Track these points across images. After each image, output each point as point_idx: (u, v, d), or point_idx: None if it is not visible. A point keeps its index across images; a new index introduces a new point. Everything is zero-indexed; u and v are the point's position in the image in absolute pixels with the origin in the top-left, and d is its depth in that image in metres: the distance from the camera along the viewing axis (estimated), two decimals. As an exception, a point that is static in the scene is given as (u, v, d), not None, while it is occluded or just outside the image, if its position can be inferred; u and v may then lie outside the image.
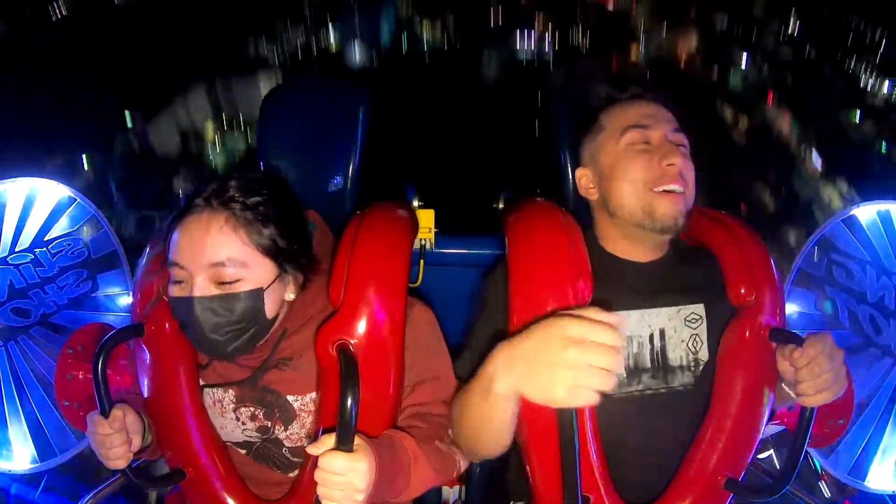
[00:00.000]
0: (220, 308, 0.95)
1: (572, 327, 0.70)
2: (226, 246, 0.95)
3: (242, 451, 1.13)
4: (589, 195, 1.15)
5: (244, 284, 0.96)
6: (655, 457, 1.06)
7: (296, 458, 1.10)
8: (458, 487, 1.58)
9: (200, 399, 1.08)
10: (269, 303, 0.99)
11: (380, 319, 0.97)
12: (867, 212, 1.71)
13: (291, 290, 1.04)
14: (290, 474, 1.11)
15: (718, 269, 1.11)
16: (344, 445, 0.82)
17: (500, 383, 0.77)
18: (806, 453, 0.96)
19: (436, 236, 1.52)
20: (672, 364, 1.08)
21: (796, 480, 0.97)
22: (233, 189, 0.99)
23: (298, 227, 1.05)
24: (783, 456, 1.01)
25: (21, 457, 1.68)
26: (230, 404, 1.09)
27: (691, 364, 1.08)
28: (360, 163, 1.46)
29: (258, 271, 0.97)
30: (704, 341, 1.09)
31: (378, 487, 0.86)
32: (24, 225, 1.70)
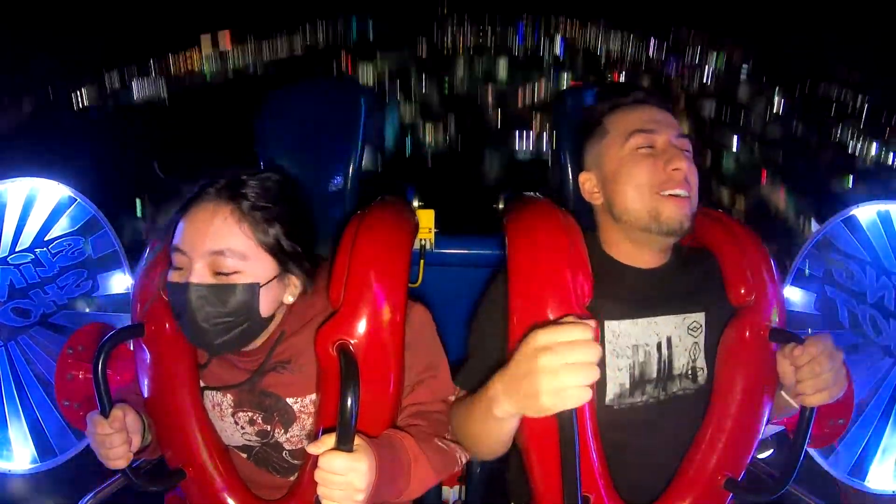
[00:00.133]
0: (214, 297, 0.94)
1: (540, 337, 0.74)
2: (228, 236, 0.95)
3: (243, 455, 1.13)
4: (593, 200, 1.15)
5: (242, 277, 0.96)
6: (655, 459, 1.06)
7: (296, 461, 1.10)
8: (458, 487, 1.58)
9: (200, 399, 1.08)
10: (264, 300, 0.98)
11: (380, 319, 0.96)
12: (867, 212, 1.71)
13: (291, 293, 1.04)
14: (291, 478, 1.10)
15: (718, 273, 1.11)
16: (344, 445, 0.82)
17: (499, 409, 0.82)
18: (806, 453, 0.96)
19: (436, 236, 1.52)
20: (674, 373, 1.08)
21: (796, 480, 0.97)
22: (245, 184, 1.00)
23: (305, 232, 1.05)
24: (783, 456, 1.00)
25: (21, 457, 1.68)
26: (228, 408, 1.09)
27: (689, 372, 1.08)
28: (360, 163, 1.46)
29: (258, 266, 0.97)
30: (702, 349, 1.09)
31: (378, 488, 0.85)
32: (25, 225, 1.70)
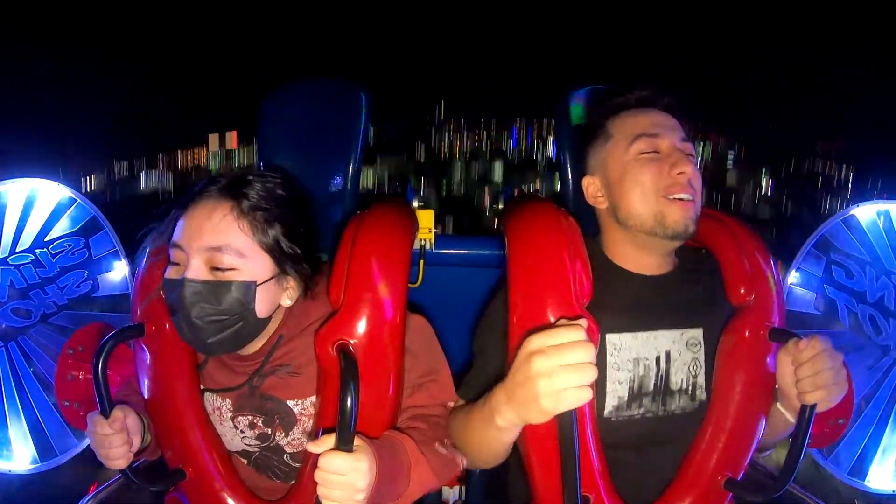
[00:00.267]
0: (209, 294, 0.93)
1: (533, 341, 0.75)
2: (226, 233, 0.95)
3: (243, 461, 1.12)
4: (597, 203, 1.14)
5: (238, 275, 0.95)
6: (654, 474, 1.06)
7: (297, 464, 1.08)
8: (458, 488, 1.58)
9: (201, 399, 1.08)
10: (260, 301, 0.97)
11: (380, 319, 0.96)
12: (867, 212, 1.71)
13: (289, 297, 1.03)
14: (292, 483, 1.09)
15: (720, 283, 1.11)
16: (344, 445, 0.81)
17: (501, 419, 0.83)
18: (806, 453, 0.96)
19: (436, 236, 1.52)
20: (672, 388, 1.07)
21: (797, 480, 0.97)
22: (247, 184, 0.99)
23: (307, 235, 1.04)
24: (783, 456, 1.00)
25: (21, 457, 1.68)
26: (228, 412, 1.08)
27: (689, 388, 1.08)
28: (360, 163, 1.46)
29: (255, 265, 0.97)
30: (703, 366, 1.08)
31: (378, 488, 0.85)
32: (25, 225, 1.70)
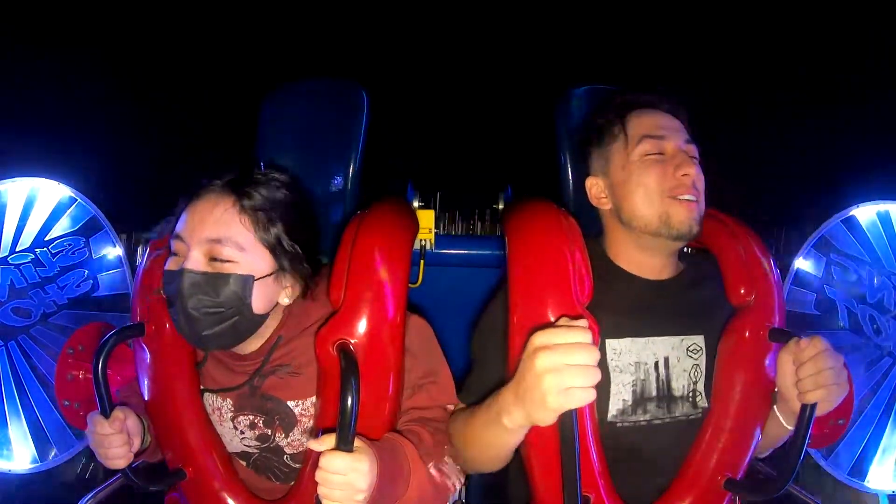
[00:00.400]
0: (206, 285, 0.93)
1: (539, 338, 0.75)
2: (227, 225, 0.95)
3: (242, 463, 1.11)
4: (600, 204, 1.14)
5: (236, 268, 0.95)
6: (659, 479, 1.06)
7: (297, 465, 1.08)
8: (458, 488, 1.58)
9: (201, 399, 1.08)
10: (257, 296, 0.97)
11: (380, 319, 0.96)
12: (866, 212, 1.71)
13: (287, 295, 1.02)
14: (291, 484, 1.08)
15: (723, 287, 1.10)
16: (344, 445, 0.81)
17: (509, 420, 0.82)
18: (806, 453, 0.96)
19: (436, 236, 1.52)
20: (675, 394, 1.07)
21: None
22: (251, 181, 1.00)
23: (308, 236, 1.04)
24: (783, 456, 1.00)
25: (21, 457, 1.68)
26: (228, 412, 1.08)
27: (690, 394, 1.08)
28: (361, 163, 1.46)
29: (254, 260, 0.97)
30: (703, 372, 1.08)
31: (379, 490, 0.85)
32: (25, 225, 1.70)
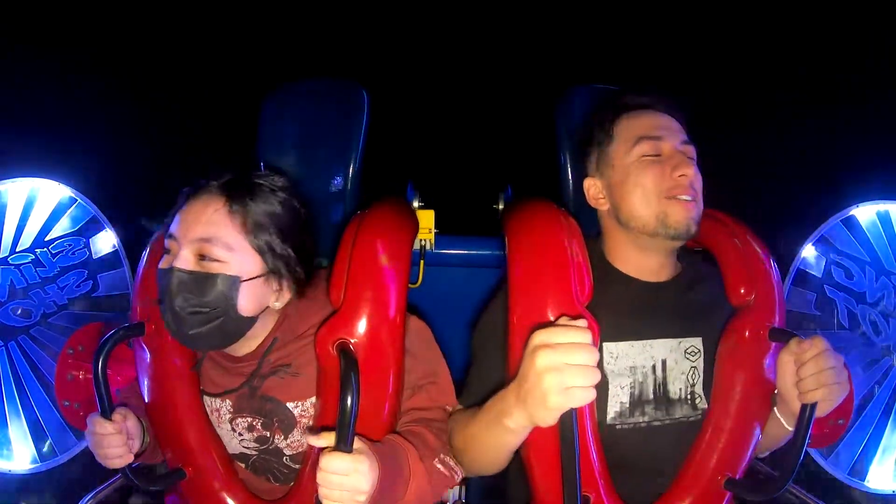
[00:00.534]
0: (193, 284, 0.94)
1: (537, 337, 0.75)
2: (217, 225, 0.96)
3: (241, 465, 1.11)
4: (598, 205, 1.14)
5: (224, 268, 0.95)
6: (660, 481, 1.06)
7: (297, 466, 1.08)
8: (458, 488, 1.58)
9: (200, 398, 1.08)
10: (244, 297, 0.97)
11: (380, 319, 0.96)
12: (866, 212, 1.72)
13: (278, 300, 1.02)
14: (291, 484, 1.08)
15: (722, 289, 1.10)
16: (344, 445, 0.81)
17: (512, 420, 0.82)
18: (806, 453, 0.96)
19: (436, 237, 1.52)
20: (672, 396, 1.07)
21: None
22: (246, 183, 1.00)
23: (303, 239, 1.04)
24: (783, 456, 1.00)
25: (21, 457, 1.68)
26: (227, 414, 1.07)
27: (689, 397, 1.08)
28: (361, 163, 1.46)
29: (243, 261, 0.97)
30: (701, 374, 1.08)
31: (379, 493, 0.85)
32: (25, 225, 1.70)
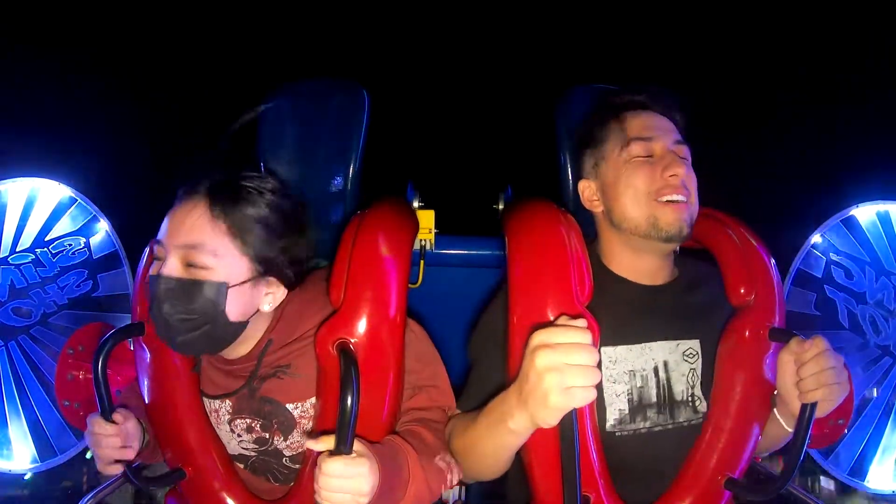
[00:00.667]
0: (180, 291, 0.93)
1: (537, 337, 0.75)
2: (202, 231, 0.94)
3: (240, 466, 1.11)
4: (593, 207, 1.14)
5: (211, 274, 0.93)
6: (659, 476, 1.06)
7: (296, 466, 1.07)
8: (458, 488, 1.58)
9: (200, 398, 1.08)
10: (233, 303, 0.95)
11: (380, 319, 0.96)
12: (866, 212, 1.72)
13: (268, 302, 1.01)
14: (291, 484, 1.08)
15: (722, 290, 1.10)
16: (343, 446, 0.80)
17: (513, 422, 0.82)
18: (806, 453, 0.96)
19: (436, 237, 1.52)
20: (676, 398, 1.07)
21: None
22: (235, 185, 0.98)
23: (292, 241, 1.01)
24: (783, 456, 1.00)
25: (21, 457, 1.68)
26: (226, 415, 1.07)
27: (690, 399, 1.07)
28: (361, 163, 1.46)
29: (230, 266, 0.95)
30: (699, 377, 1.08)
31: (380, 494, 0.84)
32: (25, 225, 1.71)
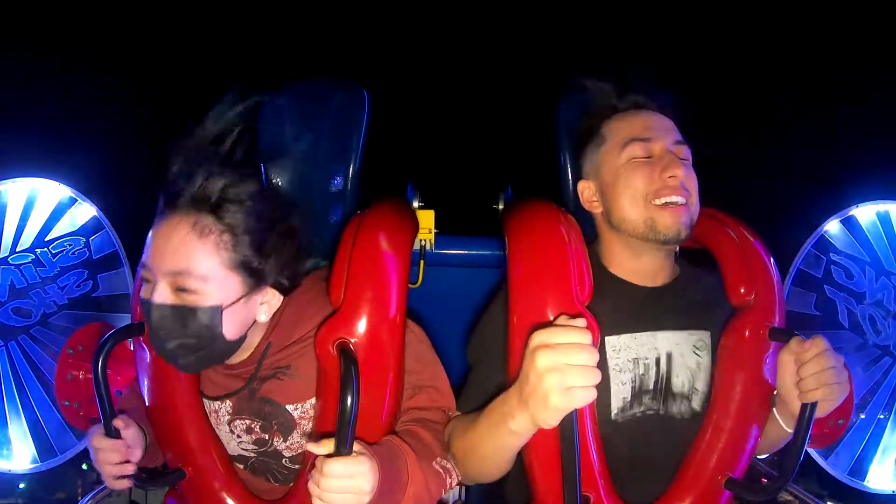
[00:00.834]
0: (175, 319, 0.90)
1: (536, 337, 0.75)
2: (186, 255, 0.89)
3: (240, 466, 1.11)
4: (592, 208, 1.14)
5: (203, 299, 0.90)
6: (656, 474, 1.06)
7: (296, 466, 1.07)
8: (458, 488, 1.58)
9: (200, 398, 1.08)
10: (229, 323, 0.93)
11: (380, 319, 0.96)
12: (866, 212, 1.72)
13: (264, 312, 0.99)
14: (290, 485, 1.08)
15: (721, 289, 1.10)
16: (343, 446, 0.80)
17: (514, 423, 0.82)
18: (806, 453, 0.96)
19: (436, 237, 1.52)
20: (675, 390, 1.07)
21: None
22: (213, 191, 0.92)
23: (280, 246, 0.97)
24: (783, 456, 1.01)
25: (21, 456, 1.68)
26: (225, 416, 1.07)
27: (690, 392, 1.07)
28: (361, 163, 1.46)
29: (221, 287, 0.92)
30: (705, 369, 1.08)
31: (380, 495, 0.84)
32: (26, 225, 1.71)
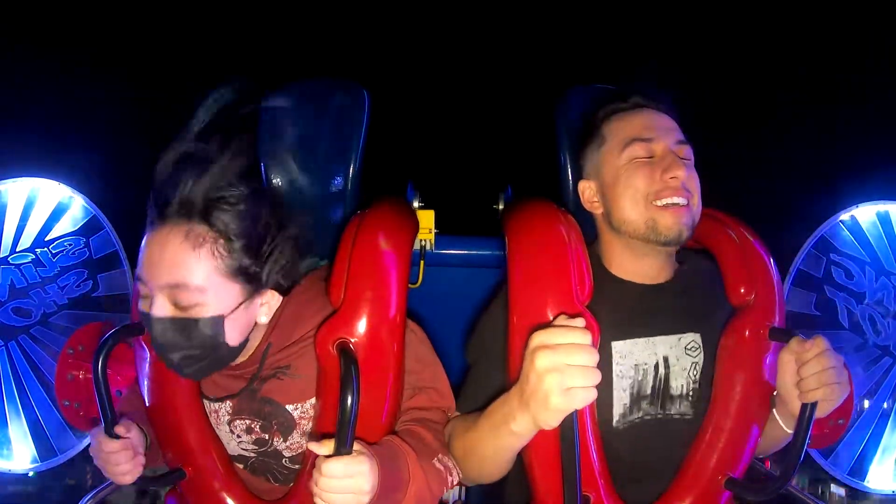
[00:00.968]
0: (176, 331, 0.90)
1: (536, 338, 0.76)
2: (181, 268, 0.88)
3: (240, 466, 1.11)
4: (593, 209, 1.14)
5: (203, 310, 0.90)
6: (655, 469, 1.06)
7: (296, 466, 1.07)
8: (458, 488, 1.58)
9: (200, 398, 1.08)
10: (231, 330, 0.93)
11: (380, 318, 0.96)
12: (866, 212, 1.72)
13: (264, 314, 0.99)
14: (290, 485, 1.08)
15: (721, 288, 1.10)
16: (343, 446, 0.81)
17: (515, 424, 0.82)
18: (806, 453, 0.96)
19: (436, 237, 1.52)
20: (673, 393, 1.07)
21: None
22: (202, 196, 0.89)
23: (275, 247, 0.96)
24: (783, 456, 1.01)
25: (21, 456, 1.68)
26: (225, 416, 1.07)
27: (689, 393, 1.07)
28: (361, 163, 1.46)
29: (220, 296, 0.91)
30: (702, 370, 1.08)
31: (380, 495, 0.84)
32: (26, 225, 1.71)
